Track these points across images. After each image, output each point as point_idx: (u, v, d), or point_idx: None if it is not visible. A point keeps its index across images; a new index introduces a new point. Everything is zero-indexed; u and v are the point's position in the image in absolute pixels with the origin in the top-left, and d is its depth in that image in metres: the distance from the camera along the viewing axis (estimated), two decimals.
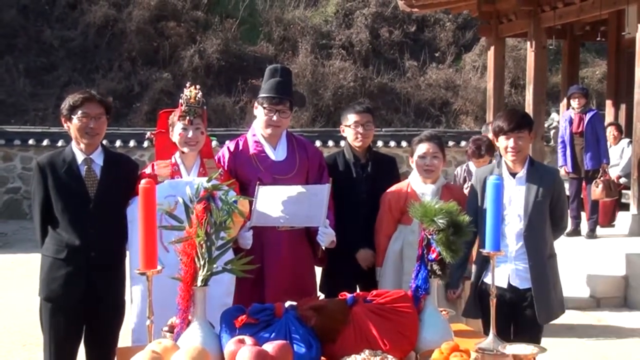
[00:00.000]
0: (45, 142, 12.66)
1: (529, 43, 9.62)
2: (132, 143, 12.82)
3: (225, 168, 3.47)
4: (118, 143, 12.80)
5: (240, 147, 3.54)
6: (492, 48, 10.51)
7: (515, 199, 3.49)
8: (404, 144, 13.54)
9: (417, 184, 3.77)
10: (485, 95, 11.66)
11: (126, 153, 12.81)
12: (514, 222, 3.48)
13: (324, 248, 3.56)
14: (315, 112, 15.44)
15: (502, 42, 10.67)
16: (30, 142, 12.60)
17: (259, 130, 3.55)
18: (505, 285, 3.47)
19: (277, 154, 3.52)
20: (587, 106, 8.34)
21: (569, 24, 10.33)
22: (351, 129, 3.91)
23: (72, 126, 3.38)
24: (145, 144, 12.57)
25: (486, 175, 3.51)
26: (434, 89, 16.44)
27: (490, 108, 10.65)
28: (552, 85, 15.06)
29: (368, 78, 16.33)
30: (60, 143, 12.64)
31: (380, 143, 13.48)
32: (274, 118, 3.44)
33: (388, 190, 3.79)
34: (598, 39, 11.50)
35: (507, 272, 3.48)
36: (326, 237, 3.39)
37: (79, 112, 3.36)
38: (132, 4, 16.26)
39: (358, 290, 3.88)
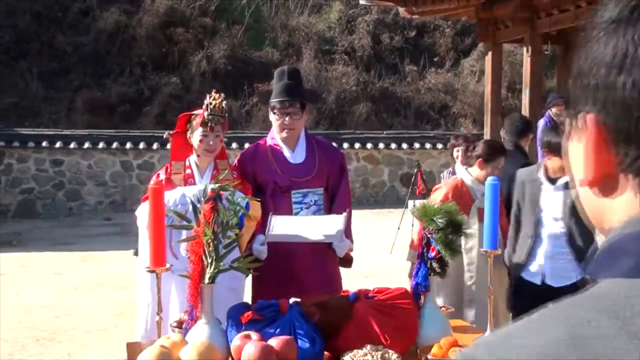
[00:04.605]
0: (58, 144, 12.87)
1: (525, 48, 9.60)
2: (142, 145, 13.06)
3: (245, 171, 3.46)
4: (128, 145, 13.05)
5: (259, 150, 3.49)
6: (490, 53, 10.58)
7: (552, 202, 3.67)
8: (404, 146, 13.84)
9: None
10: (483, 98, 11.69)
11: (136, 155, 13.26)
12: (550, 225, 3.68)
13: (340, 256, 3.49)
14: (319, 115, 15.56)
15: (500, 47, 10.68)
16: (44, 144, 12.82)
17: (277, 133, 3.50)
18: (539, 283, 3.71)
19: (295, 156, 3.46)
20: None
21: (564, 30, 10.42)
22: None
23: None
24: (155, 146, 12.83)
25: (525, 177, 3.77)
26: (433, 93, 16.55)
27: (488, 111, 10.75)
28: (548, 89, 15.18)
29: (370, 82, 16.45)
30: (72, 145, 13.00)
31: (381, 145, 13.74)
32: (286, 121, 3.38)
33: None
34: None
35: (541, 271, 3.71)
36: (341, 248, 3.36)
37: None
38: (142, 11, 16.38)
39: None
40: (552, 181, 3.69)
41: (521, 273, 3.79)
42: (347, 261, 3.52)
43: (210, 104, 3.18)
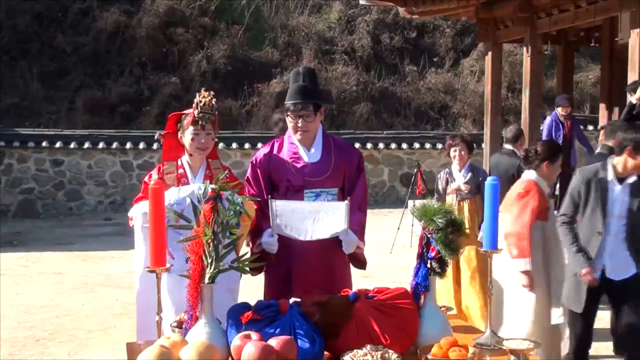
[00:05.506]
0: (58, 144, 12.94)
1: (525, 48, 9.55)
2: (141, 145, 13.12)
3: (261, 168, 3.45)
4: (128, 145, 13.12)
5: (275, 149, 3.47)
6: (490, 53, 10.59)
7: (618, 201, 3.87)
8: (404, 145, 13.87)
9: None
10: (483, 98, 11.70)
11: (136, 155, 13.28)
12: (614, 222, 3.88)
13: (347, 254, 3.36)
14: None
15: (499, 47, 10.68)
16: (44, 144, 12.91)
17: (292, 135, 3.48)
18: (598, 277, 3.92)
19: (310, 155, 3.42)
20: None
21: (564, 30, 10.23)
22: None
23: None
24: (155, 146, 12.80)
25: (590, 176, 3.92)
26: (433, 93, 16.61)
27: (488, 111, 10.75)
28: (548, 89, 15.20)
29: (370, 82, 16.50)
30: (72, 145, 13.04)
31: (381, 145, 13.79)
32: (299, 124, 3.34)
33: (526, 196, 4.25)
34: (592, 44, 11.42)
35: (601, 266, 3.92)
36: (348, 245, 3.25)
37: None
38: (142, 11, 16.44)
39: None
40: (619, 180, 3.88)
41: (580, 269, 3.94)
42: (360, 262, 3.46)
43: (200, 101, 3.17)
